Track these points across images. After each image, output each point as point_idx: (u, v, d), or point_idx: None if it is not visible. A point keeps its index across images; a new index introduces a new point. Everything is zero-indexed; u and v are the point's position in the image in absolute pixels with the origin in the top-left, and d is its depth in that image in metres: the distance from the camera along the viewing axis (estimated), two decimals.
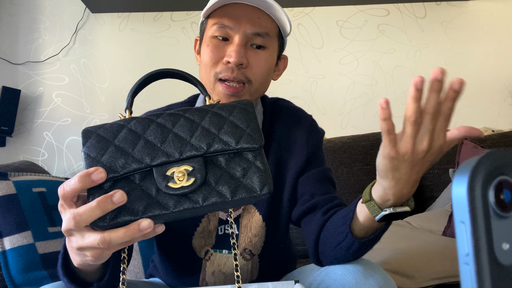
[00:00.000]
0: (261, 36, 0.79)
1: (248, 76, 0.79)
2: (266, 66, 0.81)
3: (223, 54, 0.79)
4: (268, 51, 0.81)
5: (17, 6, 2.22)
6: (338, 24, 2.27)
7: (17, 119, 2.11)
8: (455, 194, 0.26)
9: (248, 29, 0.78)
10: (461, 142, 1.73)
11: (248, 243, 0.87)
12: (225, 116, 0.54)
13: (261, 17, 0.79)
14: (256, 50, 0.80)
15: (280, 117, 0.91)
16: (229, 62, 0.77)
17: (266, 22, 0.79)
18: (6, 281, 1.14)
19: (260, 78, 0.81)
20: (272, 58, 0.83)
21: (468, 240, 0.25)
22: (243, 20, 0.77)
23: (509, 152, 0.26)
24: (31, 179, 1.30)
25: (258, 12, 0.78)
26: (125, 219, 0.49)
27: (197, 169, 0.51)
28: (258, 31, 0.78)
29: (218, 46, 0.79)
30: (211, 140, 0.52)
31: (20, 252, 1.15)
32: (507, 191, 0.26)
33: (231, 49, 0.77)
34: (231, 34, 0.78)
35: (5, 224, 1.17)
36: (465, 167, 0.26)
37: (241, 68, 0.78)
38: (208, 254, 0.87)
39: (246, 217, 0.87)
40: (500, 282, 0.25)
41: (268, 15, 0.80)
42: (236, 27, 0.78)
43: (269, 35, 0.80)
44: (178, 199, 0.50)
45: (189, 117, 0.54)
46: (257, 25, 0.78)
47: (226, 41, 0.79)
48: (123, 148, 0.52)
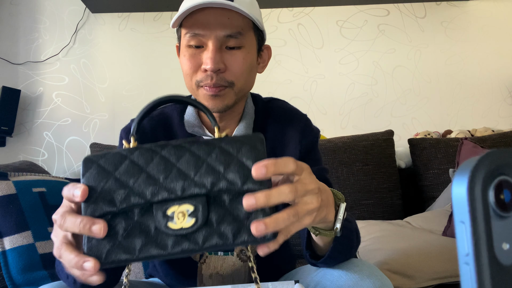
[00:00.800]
0: (233, 37, 0.78)
1: (229, 79, 0.78)
2: (245, 65, 0.80)
3: (200, 62, 0.78)
4: (244, 50, 0.80)
5: (17, 6, 2.22)
6: (338, 24, 2.27)
7: (17, 119, 2.11)
8: (455, 194, 0.26)
9: (219, 33, 0.77)
10: (461, 142, 1.73)
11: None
12: (233, 154, 0.51)
13: (231, 17, 0.78)
14: (232, 51, 0.79)
15: (274, 117, 0.90)
16: (206, 69, 0.77)
17: (237, 21, 0.78)
18: (6, 281, 1.14)
19: (242, 78, 0.80)
20: (251, 55, 0.82)
21: (468, 240, 0.25)
22: (213, 25, 0.76)
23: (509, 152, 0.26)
24: (31, 179, 1.30)
25: (227, 13, 0.77)
26: (120, 258, 0.48)
27: (199, 209, 0.49)
28: (230, 33, 0.77)
29: (194, 55, 0.78)
30: (216, 178, 0.50)
31: (20, 252, 1.15)
32: (507, 191, 0.26)
33: (206, 57, 0.77)
34: (204, 41, 0.77)
35: (5, 224, 1.17)
36: (465, 167, 0.26)
37: (219, 74, 0.77)
38: (203, 257, 0.87)
39: None
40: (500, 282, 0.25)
41: (237, 13, 0.78)
42: (207, 33, 0.77)
43: (242, 33, 0.79)
44: (177, 239, 0.49)
45: (195, 151, 0.52)
46: (228, 27, 0.77)
47: (201, 48, 0.78)
48: (124, 181, 0.50)
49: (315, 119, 2.18)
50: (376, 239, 1.40)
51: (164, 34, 2.24)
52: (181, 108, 0.91)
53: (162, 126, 0.89)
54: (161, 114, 0.91)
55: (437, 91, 2.23)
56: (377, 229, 1.49)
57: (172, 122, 0.89)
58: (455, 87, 2.24)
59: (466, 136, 2.00)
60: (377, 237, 1.41)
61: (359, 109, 2.22)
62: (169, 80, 2.20)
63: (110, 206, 0.49)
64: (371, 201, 1.76)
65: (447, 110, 2.23)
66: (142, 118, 0.56)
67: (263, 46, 0.88)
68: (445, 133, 2.14)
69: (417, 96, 2.23)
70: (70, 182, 1.45)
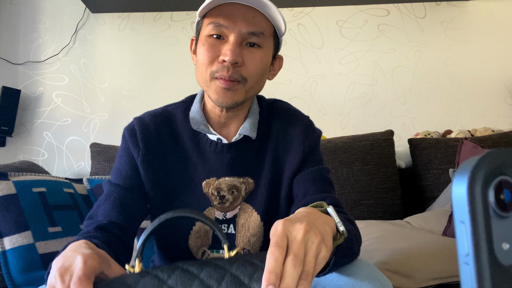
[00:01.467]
0: (256, 35, 0.79)
1: (243, 75, 0.79)
2: (261, 65, 0.82)
3: (218, 53, 0.79)
4: (263, 50, 0.81)
5: (17, 6, 2.22)
6: (338, 24, 2.27)
7: (17, 119, 2.11)
8: (455, 194, 0.26)
9: (243, 28, 0.78)
10: (461, 142, 1.73)
11: (246, 243, 0.87)
12: (244, 282, 0.49)
13: (256, 17, 0.79)
14: (251, 49, 0.80)
15: (278, 118, 0.92)
16: (225, 60, 0.78)
17: (261, 22, 0.80)
18: (6, 281, 1.14)
19: (255, 77, 0.81)
20: (267, 57, 0.83)
21: (468, 240, 0.25)
22: (238, 19, 0.78)
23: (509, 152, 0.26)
24: (31, 179, 1.30)
25: (253, 12, 0.79)
26: None
27: None
28: (253, 30, 0.79)
29: (214, 45, 0.79)
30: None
31: (20, 252, 1.15)
32: (507, 191, 0.26)
33: (226, 48, 0.78)
34: (227, 33, 0.79)
35: (5, 224, 1.17)
36: (465, 167, 0.26)
37: (236, 67, 0.78)
38: (205, 255, 0.87)
39: (243, 217, 0.87)
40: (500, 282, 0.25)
41: (263, 14, 0.80)
42: (231, 26, 0.78)
43: (264, 34, 0.80)
44: None
45: (204, 279, 0.49)
46: (252, 24, 0.79)
47: (221, 40, 0.80)
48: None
49: (315, 119, 2.18)
50: (376, 239, 1.40)
51: (164, 34, 2.24)
52: (185, 105, 0.91)
53: (165, 123, 0.89)
54: (164, 112, 0.91)
55: (437, 91, 2.23)
56: (377, 229, 1.49)
57: (176, 120, 0.89)
58: (455, 87, 2.24)
59: (466, 136, 2.00)
60: (377, 237, 1.41)
61: (359, 109, 2.22)
62: (169, 80, 2.20)
63: None
64: (371, 201, 1.76)
65: (447, 110, 2.23)
66: (149, 236, 0.55)
67: (277, 55, 0.90)
68: (445, 133, 2.14)
69: (417, 96, 2.23)
70: (70, 182, 1.45)
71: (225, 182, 0.86)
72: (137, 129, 0.86)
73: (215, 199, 0.86)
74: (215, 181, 0.86)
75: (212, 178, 0.86)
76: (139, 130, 0.86)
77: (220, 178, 0.86)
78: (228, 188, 0.86)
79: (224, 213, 0.87)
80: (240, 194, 0.87)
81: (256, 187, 0.88)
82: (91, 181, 1.53)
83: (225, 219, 0.87)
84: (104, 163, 1.80)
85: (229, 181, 0.86)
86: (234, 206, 0.87)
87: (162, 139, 0.87)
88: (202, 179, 0.86)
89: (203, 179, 0.86)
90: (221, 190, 0.86)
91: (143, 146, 0.85)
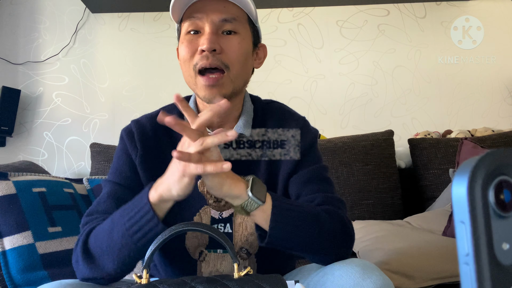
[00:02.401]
0: (228, 21, 0.82)
1: (225, 62, 0.81)
2: (241, 50, 0.83)
3: (197, 46, 0.81)
4: (239, 36, 0.83)
5: (17, 6, 2.22)
6: (338, 24, 2.27)
7: (17, 119, 2.11)
8: (455, 194, 0.26)
9: (215, 18, 0.81)
10: (461, 142, 1.73)
11: (244, 242, 0.87)
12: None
13: (227, 6, 0.82)
14: (228, 36, 0.82)
15: (273, 117, 0.92)
16: (203, 50, 0.80)
17: (232, 9, 0.83)
18: (6, 281, 1.14)
19: (237, 63, 0.83)
20: (246, 43, 0.85)
21: (468, 240, 0.25)
22: (209, 10, 0.81)
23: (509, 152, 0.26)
24: (31, 179, 1.30)
25: (223, 2, 0.82)
26: None
27: None
28: (225, 17, 0.81)
29: (192, 40, 0.82)
30: None
31: (20, 252, 1.15)
32: (507, 191, 0.26)
33: (203, 38, 0.81)
34: (201, 25, 0.81)
35: (5, 224, 1.17)
36: (465, 167, 0.26)
37: (215, 54, 0.80)
38: (202, 255, 0.87)
39: (240, 216, 0.87)
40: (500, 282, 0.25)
41: (233, 3, 0.83)
42: (204, 17, 0.81)
43: (236, 20, 0.83)
44: None
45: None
46: (223, 12, 0.81)
47: (198, 34, 0.82)
48: None
49: (315, 119, 2.18)
50: (376, 239, 1.40)
51: (164, 34, 2.24)
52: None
53: (162, 125, 0.89)
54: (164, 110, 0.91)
55: (437, 91, 2.23)
56: (377, 229, 1.49)
57: None
58: (455, 87, 2.24)
59: (466, 136, 2.00)
60: (377, 237, 1.41)
61: (359, 109, 2.22)
62: (169, 80, 2.20)
63: None
64: (371, 201, 1.76)
65: (447, 110, 2.23)
66: (157, 247, 0.55)
67: (259, 44, 0.91)
68: (445, 133, 2.14)
69: (417, 96, 2.23)
70: (70, 182, 1.45)
71: None
72: (135, 131, 0.88)
73: (210, 198, 0.86)
74: None
75: None
76: (137, 132, 0.87)
77: None
78: None
79: (220, 212, 0.87)
80: None
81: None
82: (91, 181, 1.53)
83: (221, 218, 0.87)
84: (104, 163, 1.80)
85: None
86: (229, 205, 0.87)
87: (159, 140, 0.88)
88: (197, 178, 0.86)
89: (198, 178, 0.86)
90: None
91: (140, 147, 0.86)
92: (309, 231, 0.74)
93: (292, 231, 0.73)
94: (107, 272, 0.74)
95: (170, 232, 0.55)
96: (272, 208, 0.72)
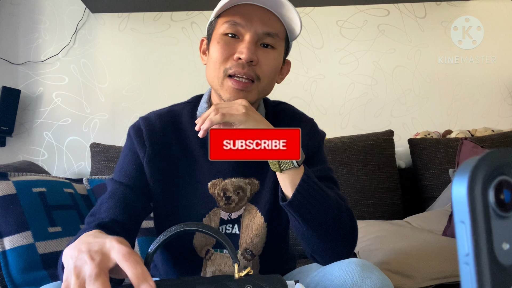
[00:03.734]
0: (271, 36, 0.81)
1: (258, 73, 0.80)
2: (274, 65, 0.83)
3: (233, 51, 0.80)
4: (276, 51, 0.83)
5: (17, 6, 2.22)
6: (338, 24, 2.27)
7: (17, 119, 2.11)
8: (455, 194, 0.26)
9: (259, 29, 0.80)
10: (461, 142, 1.73)
11: (249, 244, 0.87)
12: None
13: (272, 19, 0.81)
14: (266, 49, 0.81)
15: (283, 120, 0.93)
16: (240, 58, 0.78)
17: (276, 24, 0.82)
18: (6, 281, 1.14)
19: (268, 77, 0.83)
20: (280, 59, 0.85)
21: (468, 240, 0.25)
22: (255, 19, 0.79)
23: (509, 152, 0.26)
24: (31, 179, 1.30)
25: (269, 14, 0.81)
26: None
27: None
28: (269, 31, 0.80)
29: (229, 43, 0.80)
30: None
31: (20, 252, 1.15)
32: (507, 191, 0.26)
33: (242, 46, 0.79)
34: (242, 32, 0.80)
35: (5, 224, 1.17)
36: (465, 167, 0.26)
37: (251, 65, 0.79)
38: (208, 254, 0.87)
39: (248, 217, 0.87)
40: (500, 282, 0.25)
41: (277, 18, 0.82)
42: (248, 25, 0.79)
43: (278, 36, 0.82)
44: None
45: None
46: (268, 25, 0.80)
47: (236, 39, 0.81)
48: None
49: (315, 119, 2.18)
50: (376, 239, 1.40)
51: (164, 34, 2.24)
52: (191, 105, 0.92)
53: (172, 123, 0.89)
54: (170, 112, 0.91)
55: (437, 91, 2.23)
56: (377, 229, 1.49)
57: (182, 120, 0.90)
58: (455, 87, 2.24)
59: (466, 136, 2.00)
60: (377, 237, 1.41)
61: (359, 109, 2.22)
62: (169, 80, 2.20)
63: None
64: (371, 201, 1.76)
65: (447, 110, 2.23)
66: (158, 247, 0.55)
67: (285, 59, 0.91)
68: (445, 133, 2.14)
69: (417, 96, 2.23)
70: (70, 182, 1.45)
71: (231, 183, 0.86)
72: (144, 129, 0.86)
73: (221, 200, 0.86)
74: (221, 182, 0.86)
75: (218, 179, 0.86)
76: (146, 130, 0.86)
77: (226, 179, 0.86)
78: (234, 189, 0.86)
79: (229, 213, 0.87)
80: (245, 195, 0.87)
81: (261, 188, 0.88)
82: (91, 181, 1.53)
83: (230, 219, 0.87)
84: (104, 163, 1.80)
85: (235, 182, 0.86)
86: (239, 207, 0.87)
87: (168, 139, 0.87)
88: (208, 180, 0.86)
89: (209, 180, 0.86)
90: (227, 191, 0.86)
91: (149, 145, 0.85)
92: (328, 211, 0.76)
93: (313, 203, 0.74)
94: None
95: (170, 233, 0.55)
96: (303, 175, 0.73)
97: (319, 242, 0.78)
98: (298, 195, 0.73)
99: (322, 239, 0.77)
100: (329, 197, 0.76)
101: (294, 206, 0.74)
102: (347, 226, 0.78)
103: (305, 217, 0.75)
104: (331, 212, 0.76)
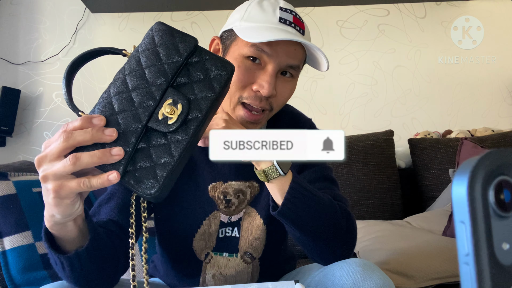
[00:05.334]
0: (293, 68, 0.80)
1: (272, 105, 0.80)
2: (290, 95, 0.83)
3: (253, 80, 0.78)
4: (294, 81, 0.83)
5: (17, 6, 2.22)
6: (338, 24, 2.27)
7: (17, 119, 2.11)
8: (455, 194, 0.26)
9: (283, 61, 0.78)
10: (461, 142, 1.74)
11: (249, 246, 0.87)
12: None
13: (297, 49, 0.79)
14: (285, 78, 0.81)
15: (282, 120, 0.92)
16: (259, 92, 0.77)
17: (300, 54, 0.80)
18: (6, 281, 1.14)
19: (281, 106, 0.83)
20: (295, 86, 0.85)
21: (468, 240, 0.25)
22: (281, 50, 0.77)
23: (509, 152, 0.26)
24: (31, 179, 1.30)
25: (295, 44, 0.79)
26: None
27: (176, 95, 0.55)
28: (292, 64, 0.79)
29: (250, 70, 0.78)
30: (164, 72, 0.58)
31: (20, 252, 1.15)
32: (507, 191, 0.26)
33: (263, 79, 0.77)
34: (266, 60, 0.78)
35: (5, 224, 1.17)
36: (465, 167, 0.26)
37: (268, 98, 0.79)
38: (208, 257, 0.87)
39: (247, 220, 0.87)
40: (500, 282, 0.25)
41: (302, 46, 0.80)
42: (273, 55, 0.77)
43: (300, 67, 0.82)
44: (185, 128, 0.54)
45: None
46: (292, 57, 0.79)
47: (257, 64, 0.78)
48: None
49: (315, 119, 2.17)
50: (376, 239, 1.40)
51: None
52: None
53: None
54: None
55: (437, 91, 2.23)
56: (377, 229, 1.49)
57: None
58: (455, 87, 2.24)
59: (466, 136, 2.00)
60: (377, 237, 1.41)
61: (359, 109, 2.22)
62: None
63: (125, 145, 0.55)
64: (371, 201, 1.76)
65: (447, 110, 2.23)
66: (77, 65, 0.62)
67: None
68: (445, 133, 2.14)
69: (417, 96, 2.23)
70: None
71: (231, 186, 0.86)
72: None
73: (221, 203, 0.86)
74: (222, 185, 0.86)
75: (218, 182, 0.86)
76: None
77: (226, 182, 0.86)
78: (234, 192, 0.86)
79: (229, 216, 0.87)
80: (245, 198, 0.87)
81: (260, 191, 0.88)
82: None
83: (230, 222, 0.87)
84: None
85: (236, 185, 0.86)
86: (239, 210, 0.87)
87: None
88: (209, 183, 0.86)
89: (210, 183, 0.86)
90: (227, 194, 0.86)
91: None
92: (321, 215, 0.74)
93: (304, 209, 0.73)
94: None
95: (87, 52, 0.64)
96: (291, 183, 0.71)
97: (315, 245, 0.77)
98: (287, 203, 0.71)
99: (318, 242, 0.77)
100: (321, 200, 0.75)
101: (284, 215, 0.72)
102: (343, 228, 0.77)
103: (297, 223, 0.74)
104: (324, 215, 0.75)
